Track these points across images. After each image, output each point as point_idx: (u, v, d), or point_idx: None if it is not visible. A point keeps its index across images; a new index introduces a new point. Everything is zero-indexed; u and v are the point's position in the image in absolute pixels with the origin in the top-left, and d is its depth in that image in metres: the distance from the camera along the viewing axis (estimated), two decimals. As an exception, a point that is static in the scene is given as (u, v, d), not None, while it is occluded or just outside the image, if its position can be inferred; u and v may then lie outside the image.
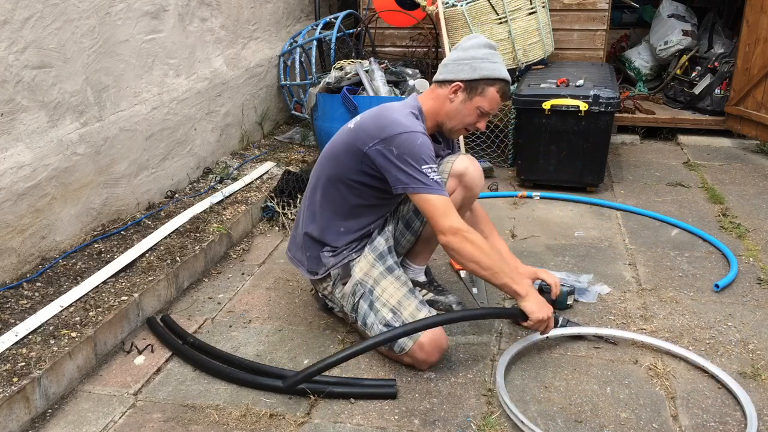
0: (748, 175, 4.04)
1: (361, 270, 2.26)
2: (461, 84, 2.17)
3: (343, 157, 2.21)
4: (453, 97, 2.19)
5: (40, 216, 2.57)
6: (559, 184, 3.82)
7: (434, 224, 2.07)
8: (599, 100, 3.59)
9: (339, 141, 2.25)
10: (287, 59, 4.71)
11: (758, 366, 2.17)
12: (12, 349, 2.07)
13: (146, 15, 3.16)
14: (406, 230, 2.43)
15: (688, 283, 2.73)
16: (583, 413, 1.96)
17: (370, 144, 2.10)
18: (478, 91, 2.17)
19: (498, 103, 2.22)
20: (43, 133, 2.58)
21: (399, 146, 2.06)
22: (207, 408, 2.01)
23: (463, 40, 2.25)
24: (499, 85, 2.18)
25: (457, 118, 2.22)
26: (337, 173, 2.23)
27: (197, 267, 2.84)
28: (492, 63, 2.17)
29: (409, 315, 2.14)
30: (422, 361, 2.15)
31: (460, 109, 2.20)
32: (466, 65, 2.16)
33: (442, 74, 2.22)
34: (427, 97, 2.26)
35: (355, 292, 2.25)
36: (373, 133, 2.11)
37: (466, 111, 2.20)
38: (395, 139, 2.07)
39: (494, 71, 2.16)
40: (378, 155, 2.09)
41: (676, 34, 5.22)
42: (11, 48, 2.40)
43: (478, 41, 2.21)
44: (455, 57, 2.20)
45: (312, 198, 2.33)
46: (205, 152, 3.76)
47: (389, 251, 2.30)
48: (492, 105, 2.21)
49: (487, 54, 2.17)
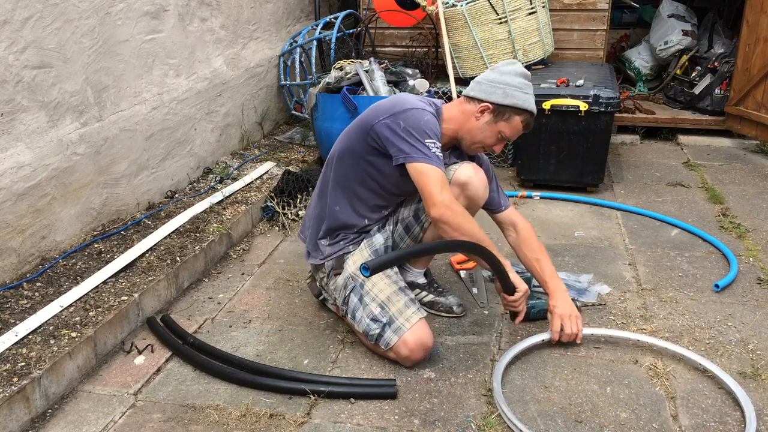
0: (748, 175, 4.04)
1: (355, 264, 2.28)
2: (490, 106, 2.22)
3: (353, 132, 2.27)
4: (479, 116, 2.24)
5: (40, 216, 2.57)
6: (559, 184, 3.82)
7: (428, 196, 2.08)
8: (599, 100, 3.59)
9: (355, 121, 2.31)
10: (287, 59, 4.71)
11: (758, 366, 2.17)
12: (12, 349, 2.07)
13: (146, 15, 3.16)
14: (406, 234, 2.43)
15: (688, 283, 2.73)
16: (583, 413, 1.96)
17: (380, 118, 2.16)
18: (504, 116, 2.22)
19: (519, 133, 2.28)
20: (43, 133, 2.58)
21: (406, 119, 2.12)
22: (207, 408, 2.01)
23: (501, 64, 2.30)
24: (525, 116, 2.24)
25: (478, 137, 2.27)
26: (347, 146, 2.29)
27: (197, 267, 2.84)
28: (524, 93, 2.22)
29: (397, 311, 2.15)
30: (405, 358, 2.16)
31: (483, 129, 2.25)
32: (499, 89, 2.21)
33: (474, 91, 2.26)
34: (452, 106, 2.31)
35: (346, 285, 2.27)
36: (384, 110, 2.19)
37: (489, 133, 2.25)
38: (403, 113, 2.14)
39: (525, 102, 2.21)
40: (384, 128, 2.14)
41: (676, 34, 5.22)
42: (11, 48, 2.40)
43: (515, 68, 2.25)
44: (490, 78, 2.25)
45: (323, 176, 2.39)
46: (205, 152, 3.76)
47: (386, 250, 2.31)
48: (513, 133, 2.26)
49: (521, 83, 2.22)
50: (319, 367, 2.22)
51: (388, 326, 2.15)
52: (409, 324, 2.14)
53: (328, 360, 2.26)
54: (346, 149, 2.28)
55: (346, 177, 2.29)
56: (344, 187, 2.30)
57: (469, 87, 2.30)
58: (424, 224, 2.38)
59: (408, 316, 2.15)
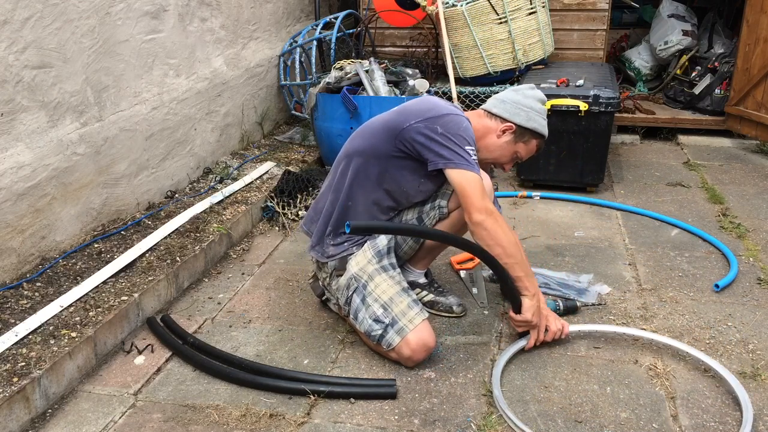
0: (748, 175, 4.04)
1: (357, 264, 2.27)
2: (514, 126, 2.31)
3: (379, 132, 2.26)
4: (501, 134, 2.33)
5: (40, 216, 2.57)
6: (559, 184, 3.82)
7: (470, 202, 2.11)
8: (599, 100, 3.59)
9: (379, 120, 2.30)
10: (287, 59, 4.71)
11: (758, 366, 2.17)
12: (12, 349, 2.07)
13: (146, 15, 3.16)
14: (409, 237, 2.44)
15: (688, 283, 2.73)
16: (583, 413, 1.96)
17: (412, 121, 2.17)
18: (524, 138, 2.34)
19: (530, 155, 2.40)
20: (43, 133, 2.58)
21: (444, 125, 2.15)
22: (207, 408, 2.01)
23: (524, 87, 2.41)
24: (540, 140, 2.38)
25: (495, 154, 2.35)
26: (371, 145, 2.27)
27: (197, 267, 2.84)
28: (543, 119, 2.35)
29: (400, 312, 2.15)
30: (407, 358, 2.16)
31: (503, 147, 2.35)
32: (523, 111, 2.31)
33: (498, 109, 2.34)
34: (475, 119, 2.34)
35: (349, 286, 2.27)
36: (417, 113, 2.19)
37: (506, 151, 2.36)
38: (441, 119, 2.16)
39: (543, 128, 2.35)
40: (417, 133, 2.15)
41: (676, 34, 5.22)
42: (11, 48, 2.40)
43: (537, 94, 2.37)
44: (515, 99, 2.33)
45: (340, 171, 2.36)
46: (205, 152, 3.76)
47: (388, 251, 2.31)
48: (527, 154, 2.39)
49: (542, 110, 2.35)
50: (319, 367, 2.22)
51: (390, 327, 2.14)
52: (412, 325, 2.13)
53: (328, 360, 2.26)
54: (370, 148, 2.27)
55: (367, 176, 2.28)
56: (362, 185, 2.29)
57: (491, 104, 2.37)
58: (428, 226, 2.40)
59: (411, 317, 2.15)
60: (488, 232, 2.11)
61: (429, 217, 2.37)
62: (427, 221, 2.37)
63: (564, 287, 2.66)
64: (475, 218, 2.11)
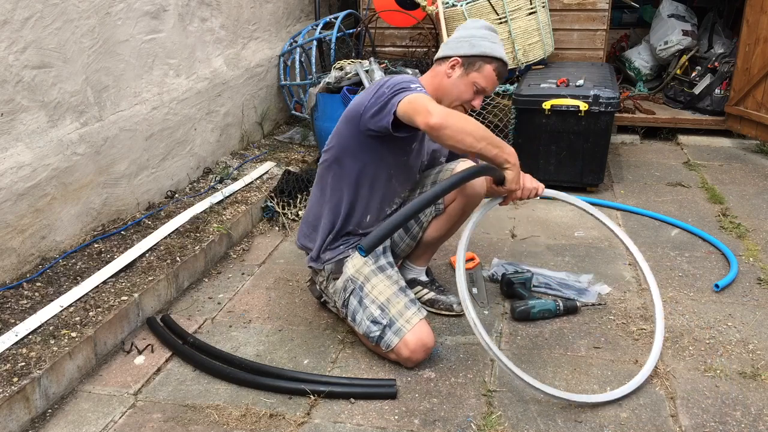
0: (748, 175, 4.04)
1: (354, 266, 2.27)
2: (459, 59, 2.21)
3: (343, 129, 2.25)
4: (450, 72, 2.23)
5: (40, 216, 2.57)
6: (559, 184, 3.81)
7: (422, 113, 1.97)
8: (599, 100, 3.59)
9: (340, 120, 2.28)
10: (287, 59, 4.71)
11: (758, 366, 2.17)
12: (12, 349, 2.07)
13: (146, 15, 3.16)
14: (405, 234, 2.44)
15: (688, 283, 2.73)
16: (583, 413, 1.96)
17: (366, 103, 2.14)
18: (475, 66, 2.20)
19: (494, 83, 2.23)
20: (43, 133, 2.58)
21: (390, 84, 2.09)
22: (207, 408, 2.01)
23: (468, 22, 2.31)
24: (496, 64, 2.21)
25: (454, 93, 2.23)
26: (339, 146, 2.25)
27: (197, 267, 2.84)
28: (491, 42, 2.21)
29: (397, 312, 2.15)
30: (407, 359, 2.15)
31: (457, 84, 2.22)
32: (465, 42, 2.21)
33: (442, 51, 2.27)
34: (426, 75, 2.31)
35: (346, 288, 2.27)
36: (367, 93, 2.16)
37: (463, 86, 2.22)
38: (386, 83, 2.11)
39: (492, 50, 2.20)
40: (375, 101, 2.10)
41: (676, 34, 5.22)
42: (11, 48, 2.40)
43: (479, 23, 2.27)
44: (455, 36, 2.26)
45: (321, 180, 2.36)
46: (205, 152, 3.76)
47: (384, 251, 2.31)
48: (488, 83, 2.22)
49: (487, 34, 2.22)
50: (319, 367, 2.22)
51: (388, 328, 2.14)
52: (409, 325, 2.13)
53: (328, 360, 2.26)
54: (342, 149, 2.25)
55: (346, 175, 2.27)
56: (345, 188, 2.28)
57: (438, 51, 2.30)
58: (423, 224, 2.41)
59: (408, 317, 2.15)
60: (451, 129, 1.97)
61: (424, 214, 2.38)
62: (422, 218, 2.39)
63: (564, 287, 2.67)
64: (433, 123, 1.95)
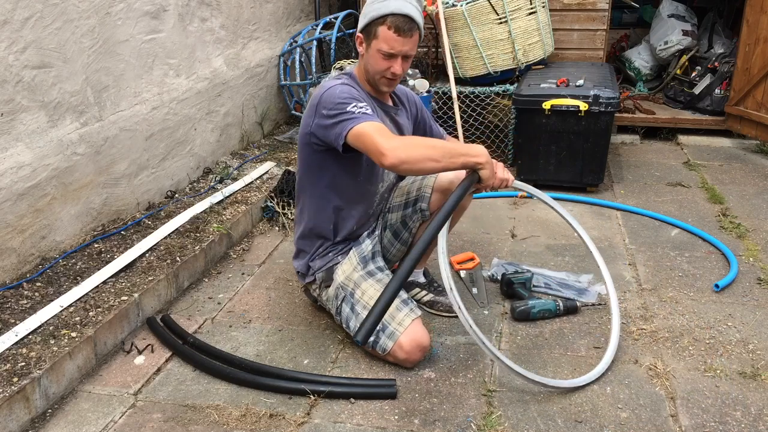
0: (748, 175, 4.04)
1: (343, 273, 2.28)
2: (360, 35, 2.20)
3: (301, 151, 2.28)
4: (361, 50, 2.22)
5: (40, 216, 2.57)
6: (559, 184, 3.82)
7: (374, 150, 1.96)
8: (599, 100, 3.59)
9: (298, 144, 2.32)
10: (287, 59, 4.71)
11: (758, 366, 2.17)
12: (12, 349, 2.07)
13: (146, 15, 3.16)
14: (395, 240, 2.44)
15: (688, 283, 2.73)
16: (583, 413, 1.96)
17: (310, 123, 2.15)
18: (372, 34, 2.13)
19: (395, 39, 2.10)
20: (43, 133, 2.58)
21: (325, 105, 2.09)
22: (207, 408, 2.01)
23: None
24: (387, 20, 2.09)
25: (372, 69, 2.19)
26: (305, 162, 2.28)
27: (197, 267, 2.84)
28: (379, 3, 2.10)
29: (389, 316, 2.14)
30: (404, 360, 2.16)
31: (368, 59, 2.18)
32: (362, 18, 2.18)
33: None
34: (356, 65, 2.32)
35: (337, 296, 2.28)
36: (308, 113, 2.17)
37: (373, 59, 2.16)
38: (320, 103, 2.11)
39: (380, 9, 2.10)
40: (318, 128, 2.12)
41: (676, 34, 5.22)
42: (11, 48, 2.40)
43: None
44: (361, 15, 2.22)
45: (301, 203, 2.39)
46: (205, 152, 3.76)
47: (374, 256, 2.31)
48: (390, 43, 2.10)
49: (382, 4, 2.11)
50: (319, 367, 2.22)
51: (382, 332, 2.14)
52: (402, 327, 2.13)
53: (328, 360, 2.26)
54: (306, 165, 2.28)
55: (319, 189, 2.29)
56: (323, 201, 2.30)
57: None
58: (412, 229, 2.41)
59: (400, 319, 2.14)
60: (408, 162, 1.95)
61: (412, 220, 2.38)
62: (410, 224, 2.38)
63: (564, 287, 2.67)
64: (388, 163, 1.94)
